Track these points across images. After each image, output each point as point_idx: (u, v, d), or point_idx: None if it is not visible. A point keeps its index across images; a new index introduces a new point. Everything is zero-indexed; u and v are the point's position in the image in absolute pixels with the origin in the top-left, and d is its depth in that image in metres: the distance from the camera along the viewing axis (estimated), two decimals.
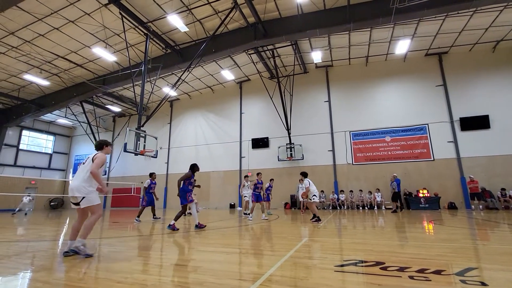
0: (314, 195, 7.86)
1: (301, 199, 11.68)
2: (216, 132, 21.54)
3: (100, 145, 3.95)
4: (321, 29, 12.86)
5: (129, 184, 22.44)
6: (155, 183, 9.65)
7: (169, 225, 6.35)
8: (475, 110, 15.17)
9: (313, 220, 7.71)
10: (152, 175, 9.62)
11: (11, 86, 18.97)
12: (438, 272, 2.54)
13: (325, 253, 3.59)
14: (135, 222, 8.68)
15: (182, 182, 6.46)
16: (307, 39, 15.33)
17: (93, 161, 3.67)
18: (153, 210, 9.71)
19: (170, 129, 23.53)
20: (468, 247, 3.94)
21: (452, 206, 14.31)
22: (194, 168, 6.67)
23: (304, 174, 8.22)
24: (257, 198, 9.21)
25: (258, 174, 9.67)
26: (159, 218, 9.92)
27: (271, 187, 11.85)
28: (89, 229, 3.59)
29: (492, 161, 14.40)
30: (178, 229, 6.27)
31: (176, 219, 6.38)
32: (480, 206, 13.16)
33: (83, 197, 3.50)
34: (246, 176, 11.27)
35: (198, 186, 10.41)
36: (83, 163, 3.76)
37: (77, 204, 3.54)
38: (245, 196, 10.86)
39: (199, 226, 6.54)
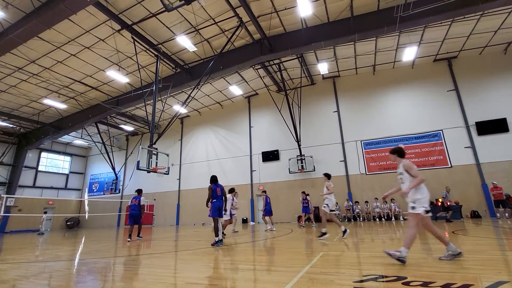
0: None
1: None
2: (226, 146, 21.68)
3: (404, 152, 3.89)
4: (326, 41, 13.04)
5: (141, 201, 22.64)
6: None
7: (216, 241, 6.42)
8: (491, 113, 14.67)
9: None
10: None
11: (31, 110, 20.00)
12: (466, 287, 2.38)
13: (343, 268, 3.44)
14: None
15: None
16: (313, 51, 15.52)
17: (406, 171, 3.64)
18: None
19: (181, 146, 23.89)
20: (497, 258, 3.70)
21: (475, 215, 13.58)
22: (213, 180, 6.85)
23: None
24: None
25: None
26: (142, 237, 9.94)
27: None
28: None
29: None
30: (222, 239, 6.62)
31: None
32: (506, 214, 12.41)
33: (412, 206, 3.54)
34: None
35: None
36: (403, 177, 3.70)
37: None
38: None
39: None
